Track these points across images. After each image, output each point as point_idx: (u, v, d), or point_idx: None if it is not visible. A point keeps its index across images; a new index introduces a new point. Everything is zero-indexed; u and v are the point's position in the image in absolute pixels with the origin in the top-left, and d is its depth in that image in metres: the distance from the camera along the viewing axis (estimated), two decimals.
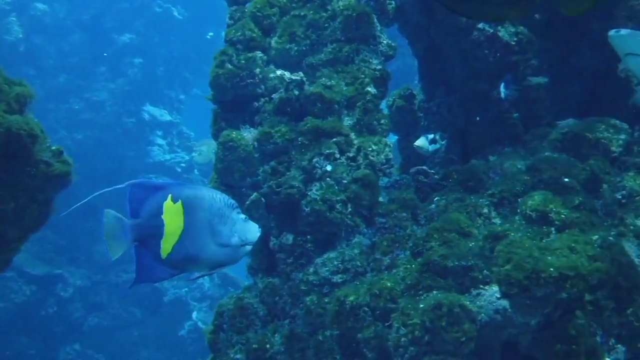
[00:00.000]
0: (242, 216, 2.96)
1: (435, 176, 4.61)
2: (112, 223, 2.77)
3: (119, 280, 12.55)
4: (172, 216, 2.78)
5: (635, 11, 4.75)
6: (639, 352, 3.67)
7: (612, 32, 3.75)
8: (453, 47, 5.25)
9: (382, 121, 4.72)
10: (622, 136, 4.47)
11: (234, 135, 4.59)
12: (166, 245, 2.78)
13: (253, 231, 2.98)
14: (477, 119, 5.27)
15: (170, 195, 2.80)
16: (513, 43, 5.00)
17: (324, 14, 4.85)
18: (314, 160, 4.43)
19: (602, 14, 4.59)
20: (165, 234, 2.78)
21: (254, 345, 4.29)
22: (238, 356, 4.39)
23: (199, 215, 2.83)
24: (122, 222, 2.77)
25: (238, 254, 2.97)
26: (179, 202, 2.80)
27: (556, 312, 3.55)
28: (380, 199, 4.51)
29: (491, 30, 5.05)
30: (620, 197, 4.18)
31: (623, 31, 3.76)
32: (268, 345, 4.27)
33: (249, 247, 3.00)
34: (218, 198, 2.90)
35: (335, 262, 4.28)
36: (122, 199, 2.79)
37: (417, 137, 5.27)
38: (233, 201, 2.96)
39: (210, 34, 17.00)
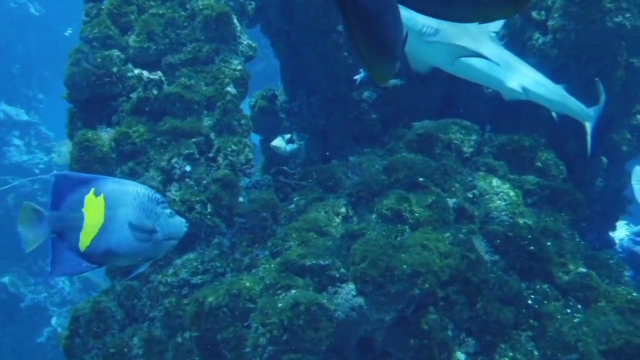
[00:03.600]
0: (168, 211, 2.98)
1: (295, 176, 4.64)
2: (28, 214, 2.76)
3: None
4: (92, 209, 2.81)
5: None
6: (488, 344, 3.83)
7: None
8: (313, 49, 5.31)
9: (242, 121, 4.72)
10: (474, 137, 4.66)
11: (89, 135, 4.47)
12: (85, 238, 2.81)
13: (178, 226, 3.01)
14: (337, 120, 5.35)
15: (92, 189, 2.82)
16: None
17: (183, 13, 4.79)
18: (173, 160, 4.38)
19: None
20: (85, 227, 2.80)
21: (111, 350, 4.18)
22: None
23: (120, 210, 2.86)
24: (40, 213, 2.77)
25: (161, 248, 3.00)
26: (101, 196, 2.82)
27: (409, 308, 3.65)
28: (241, 199, 4.51)
29: None
30: (471, 195, 4.35)
31: None
32: (126, 349, 4.18)
33: (174, 242, 3.03)
34: (142, 193, 2.92)
35: (195, 263, 4.25)
36: None
37: None
38: (159, 196, 2.98)
39: (69, 30, 16.54)
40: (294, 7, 5.22)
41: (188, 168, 4.38)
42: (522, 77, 4.49)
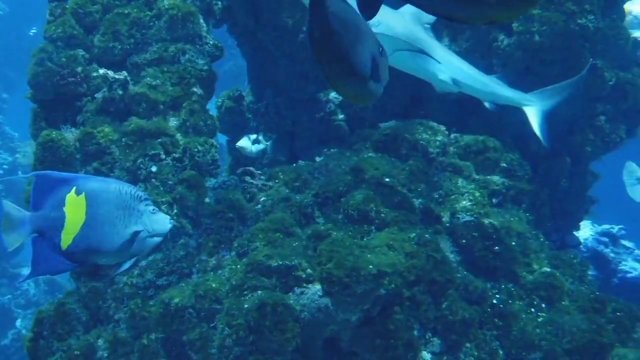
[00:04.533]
0: (151, 208, 2.99)
1: (262, 177, 4.63)
2: (9, 214, 2.78)
3: None
4: (73, 208, 2.82)
5: None
6: (453, 344, 3.85)
7: None
8: (280, 49, 5.30)
9: (209, 122, 4.70)
10: (439, 137, 4.68)
11: (53, 136, 4.42)
12: (66, 237, 2.83)
13: (162, 223, 3.02)
14: (304, 120, 5.36)
15: (74, 188, 2.83)
16: None
17: (149, 13, 4.76)
18: (139, 161, 4.35)
19: None
20: (66, 226, 2.82)
21: (75, 352, 4.14)
22: None
23: (102, 208, 2.87)
24: (21, 213, 2.80)
25: (145, 246, 3.01)
26: (82, 195, 2.83)
27: (375, 308, 3.65)
28: (207, 199, 4.49)
29: None
30: (437, 196, 4.37)
31: None
32: (91, 351, 4.14)
33: (157, 239, 3.04)
34: (125, 191, 2.93)
35: (161, 264, 4.22)
36: None
37: None
38: (142, 193, 2.99)
39: (34, 30, 16.36)
40: (261, 7, 5.21)
41: (154, 168, 4.36)
42: (453, 70, 4.49)
